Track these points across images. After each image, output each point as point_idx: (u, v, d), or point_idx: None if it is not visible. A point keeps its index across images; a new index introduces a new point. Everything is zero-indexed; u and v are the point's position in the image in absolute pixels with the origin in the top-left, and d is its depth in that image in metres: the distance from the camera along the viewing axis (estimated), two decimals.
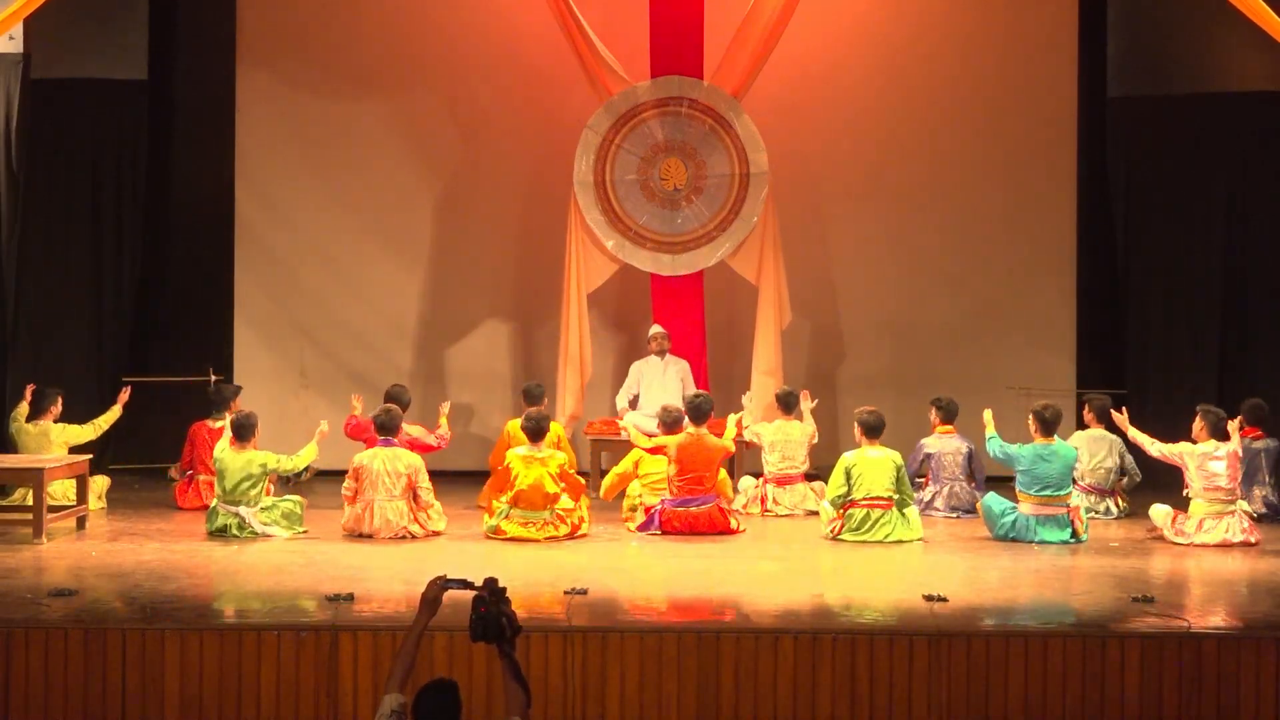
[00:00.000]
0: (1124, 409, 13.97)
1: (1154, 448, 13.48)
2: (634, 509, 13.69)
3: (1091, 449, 14.34)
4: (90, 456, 13.93)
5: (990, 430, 13.50)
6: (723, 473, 13.93)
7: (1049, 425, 13.20)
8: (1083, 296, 17.28)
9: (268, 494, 13.30)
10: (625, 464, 13.89)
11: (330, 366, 17.20)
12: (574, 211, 15.93)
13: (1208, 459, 13.15)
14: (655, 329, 15.98)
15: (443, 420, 14.44)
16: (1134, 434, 13.67)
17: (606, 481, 14.00)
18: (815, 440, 14.84)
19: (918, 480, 14.51)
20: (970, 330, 17.19)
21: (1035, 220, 17.23)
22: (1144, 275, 17.04)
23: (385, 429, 13.35)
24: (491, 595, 6.36)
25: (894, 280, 17.33)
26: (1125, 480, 14.55)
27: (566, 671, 9.10)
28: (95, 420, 14.65)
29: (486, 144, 17.28)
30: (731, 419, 14.18)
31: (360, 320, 17.31)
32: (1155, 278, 16.99)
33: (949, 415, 14.70)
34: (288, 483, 15.31)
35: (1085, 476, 14.30)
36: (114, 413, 14.77)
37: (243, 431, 13.35)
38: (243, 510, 12.99)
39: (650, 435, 14.16)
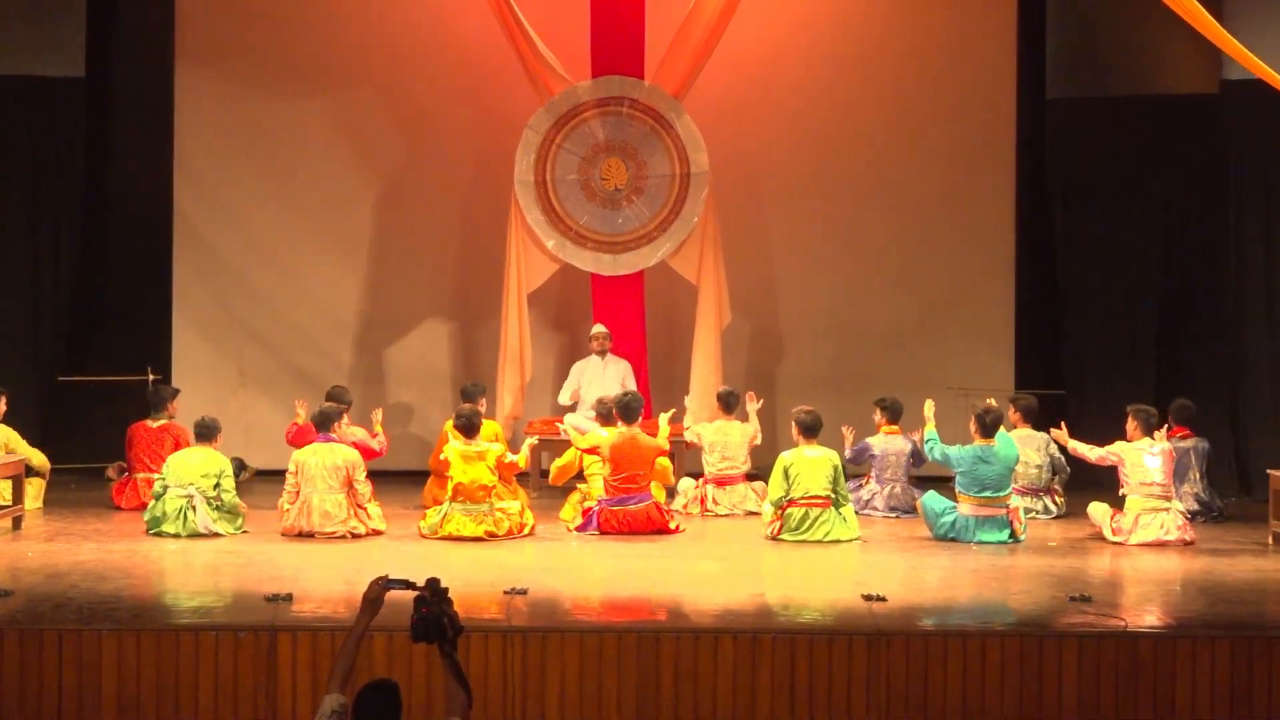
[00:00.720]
0: (1062, 424, 14.00)
1: (1093, 454, 13.57)
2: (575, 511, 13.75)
3: (1020, 449, 14.33)
4: (25, 457, 13.83)
5: (930, 429, 13.53)
6: (664, 460, 13.91)
7: (989, 429, 13.24)
8: (1022, 297, 17.35)
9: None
10: (570, 455, 13.88)
11: (270, 365, 17.13)
12: (515, 211, 15.92)
13: (1143, 454, 13.27)
14: (597, 328, 15.98)
15: (378, 428, 14.36)
16: (1074, 445, 13.72)
17: (555, 467, 13.98)
18: (758, 441, 14.85)
19: (857, 476, 14.57)
20: (910, 330, 17.22)
21: (975, 221, 17.27)
22: (1083, 276, 17.12)
23: (322, 425, 13.33)
24: (433, 595, 6.35)
25: (834, 280, 17.36)
26: (1057, 478, 14.62)
27: (506, 671, 9.11)
28: (37, 452, 14.40)
29: (427, 143, 17.24)
30: (663, 418, 14.18)
31: (300, 319, 17.23)
32: (1094, 279, 17.07)
33: (894, 415, 14.74)
34: None
35: (1017, 478, 14.29)
36: (45, 464, 14.51)
37: (207, 432, 13.44)
38: (194, 493, 12.93)
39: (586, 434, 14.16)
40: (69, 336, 17.05)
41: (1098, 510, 13.39)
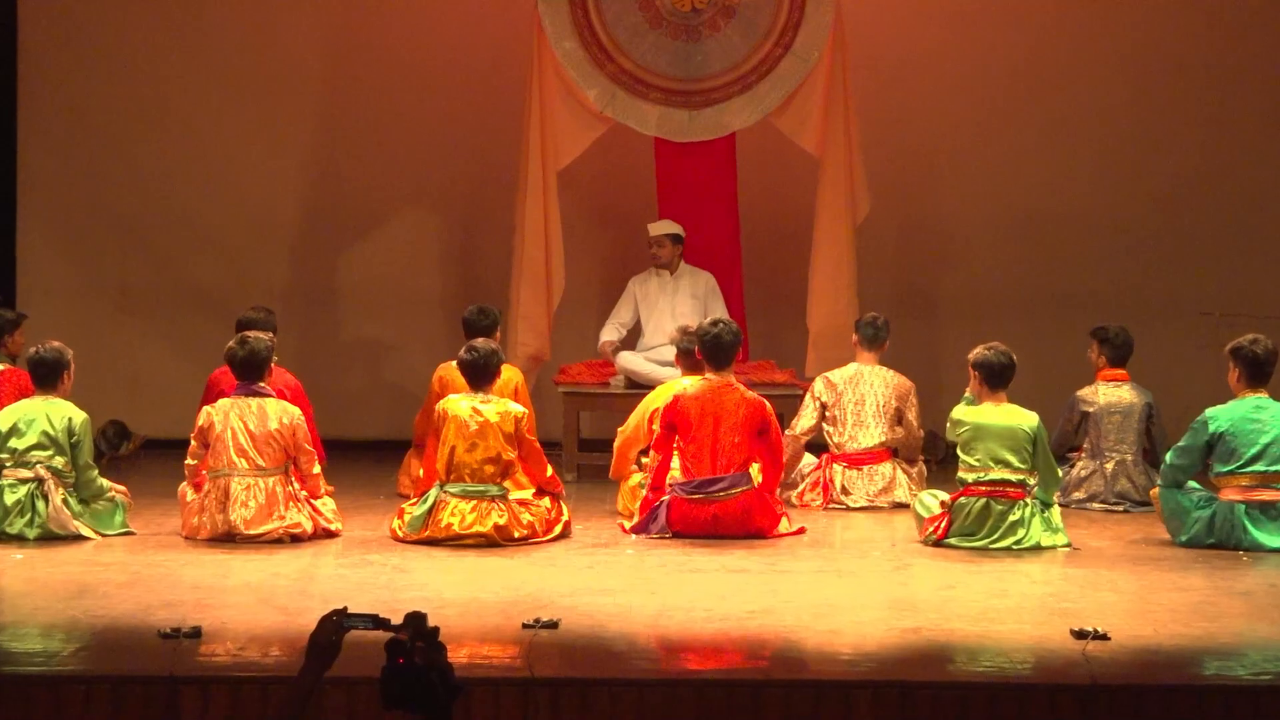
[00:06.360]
0: None
1: None
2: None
3: None
4: None
5: None
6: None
7: (1260, 369, 13.07)
8: None
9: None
10: (631, 423, 13.79)
11: (165, 283, 17.17)
12: (537, 42, 15.87)
13: None
14: (661, 227, 15.90)
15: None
16: None
17: (616, 445, 13.94)
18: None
19: (1068, 456, 14.47)
20: (1138, 229, 17.25)
21: (1241, 77, 17.21)
22: None
23: (249, 370, 13.18)
24: (416, 639, 6.27)
25: (1024, 158, 17.44)
26: None
27: None
28: None
29: None
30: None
31: (211, 216, 17.34)
32: None
33: (1119, 355, 14.62)
34: (101, 458, 15.26)
35: None
36: None
37: (49, 371, 13.23)
38: (43, 473, 12.89)
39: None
40: None
41: None
